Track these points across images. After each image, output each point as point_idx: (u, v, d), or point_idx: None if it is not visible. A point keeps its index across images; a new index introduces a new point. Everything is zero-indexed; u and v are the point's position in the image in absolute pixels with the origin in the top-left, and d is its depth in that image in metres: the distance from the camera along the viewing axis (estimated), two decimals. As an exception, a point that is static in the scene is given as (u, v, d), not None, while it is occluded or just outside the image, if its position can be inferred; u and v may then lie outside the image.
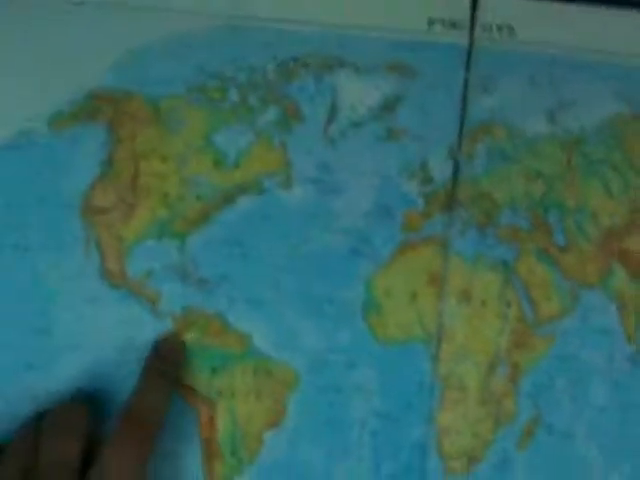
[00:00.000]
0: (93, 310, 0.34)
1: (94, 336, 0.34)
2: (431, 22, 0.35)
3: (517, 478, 0.35)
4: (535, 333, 0.35)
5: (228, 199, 0.34)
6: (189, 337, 0.34)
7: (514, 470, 0.35)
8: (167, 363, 0.32)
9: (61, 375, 0.33)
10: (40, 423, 0.31)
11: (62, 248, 0.33)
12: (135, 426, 0.30)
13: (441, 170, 0.35)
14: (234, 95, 0.34)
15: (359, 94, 0.34)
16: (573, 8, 0.35)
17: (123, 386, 0.33)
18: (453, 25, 0.35)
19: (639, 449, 0.36)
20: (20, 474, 0.29)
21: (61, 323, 0.33)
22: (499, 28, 0.35)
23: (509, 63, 0.35)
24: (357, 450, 0.34)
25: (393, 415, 0.35)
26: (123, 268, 0.34)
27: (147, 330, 0.34)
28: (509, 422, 0.35)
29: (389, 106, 0.34)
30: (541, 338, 0.35)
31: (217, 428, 0.34)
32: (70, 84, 0.34)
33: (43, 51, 0.34)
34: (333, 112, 0.34)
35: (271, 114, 0.34)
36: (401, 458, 0.35)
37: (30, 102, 0.33)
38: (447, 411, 0.35)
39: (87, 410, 0.31)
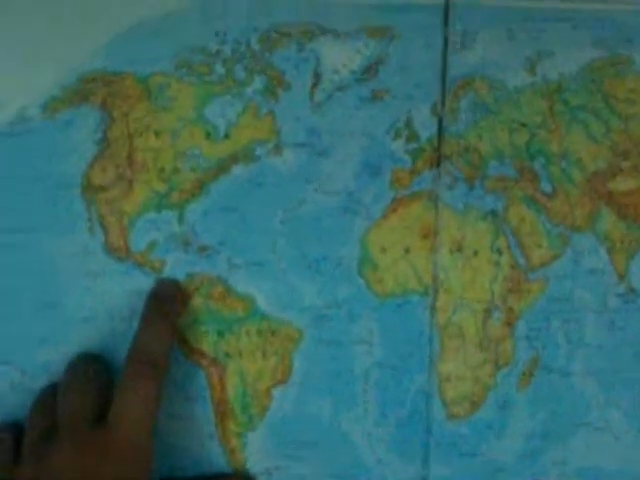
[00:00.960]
0: (100, 284, 0.35)
1: (102, 309, 0.35)
2: (407, -17, 0.36)
3: (518, 418, 0.36)
4: (528, 278, 0.36)
5: (222, 169, 0.35)
6: (195, 303, 0.35)
7: (515, 410, 0.36)
8: (165, 302, 0.34)
9: (73, 347, 0.35)
10: (55, 390, 0.33)
11: (66, 227, 0.35)
12: (142, 364, 0.31)
13: (426, 127, 0.36)
14: (220, 68, 0.35)
15: (341, 59, 0.35)
16: (546, -41, 0.36)
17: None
18: (429, -16, 0.36)
19: (635, 383, 0.37)
20: (40, 435, 0.31)
21: (70, 298, 0.35)
22: (474, -16, 0.36)
23: (486, 18, 0.36)
24: (363, 400, 0.36)
25: (395, 365, 0.36)
26: (126, 242, 0.35)
27: (154, 300, 0.35)
28: (508, 365, 0.36)
29: (371, 68, 0.35)
30: (534, 282, 0.36)
31: (227, 388, 0.36)
32: (61, 69, 0.35)
33: (31, 38, 0.35)
34: (317, 78, 0.35)
35: (257, 84, 0.35)
36: (406, 405, 0.36)
37: (23, 89, 0.35)
38: (447, 358, 0.36)
39: (99, 366, 0.33)
